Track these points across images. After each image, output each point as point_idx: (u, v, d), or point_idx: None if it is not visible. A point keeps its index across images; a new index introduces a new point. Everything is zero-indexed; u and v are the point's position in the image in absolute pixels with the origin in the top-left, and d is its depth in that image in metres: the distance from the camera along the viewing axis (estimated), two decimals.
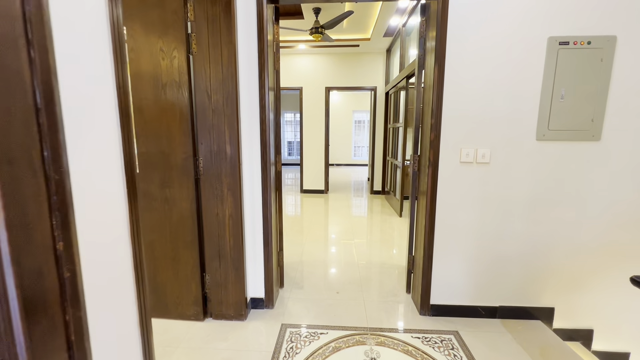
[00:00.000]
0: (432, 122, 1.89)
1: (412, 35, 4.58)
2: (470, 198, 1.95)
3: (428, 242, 2.00)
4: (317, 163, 6.15)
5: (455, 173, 1.94)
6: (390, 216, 4.63)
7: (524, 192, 1.91)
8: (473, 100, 1.86)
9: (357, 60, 5.84)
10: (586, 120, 1.81)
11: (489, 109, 1.86)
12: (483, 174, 1.92)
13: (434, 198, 1.96)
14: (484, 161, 1.90)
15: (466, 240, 2.01)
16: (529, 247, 1.97)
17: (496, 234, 1.98)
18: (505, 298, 2.05)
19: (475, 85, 1.84)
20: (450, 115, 1.88)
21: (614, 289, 1.98)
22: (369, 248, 3.36)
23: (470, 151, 1.90)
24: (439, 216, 1.99)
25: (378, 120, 5.91)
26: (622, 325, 2.03)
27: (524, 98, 1.83)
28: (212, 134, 1.83)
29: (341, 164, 11.27)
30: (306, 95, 5.99)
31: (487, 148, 1.89)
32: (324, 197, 5.93)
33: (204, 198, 1.90)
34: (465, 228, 1.99)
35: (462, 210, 1.97)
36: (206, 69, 1.77)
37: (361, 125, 11.21)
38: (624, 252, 1.92)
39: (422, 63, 2.11)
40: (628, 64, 1.74)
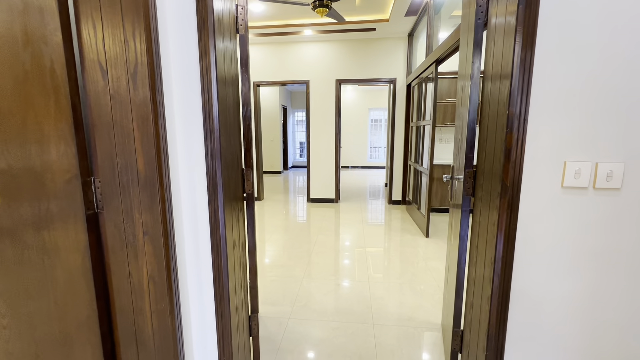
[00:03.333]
0: (510, 112, 1.03)
1: (443, 11, 3.68)
2: (578, 252, 1.08)
3: (497, 327, 1.14)
4: (326, 167, 5.32)
5: (553, 207, 1.06)
6: (414, 236, 3.74)
7: None
8: (593, 68, 0.98)
9: (373, 48, 4.97)
10: None
11: (621, 88, 0.97)
12: (609, 209, 1.04)
13: (509, 250, 1.09)
14: (610, 186, 1.02)
15: (566, 328, 1.13)
16: None
17: (627, 318, 1.09)
18: None
19: (597, 38, 0.97)
20: (543, 102, 1.01)
21: None
22: (389, 291, 2.49)
23: (583, 167, 1.02)
24: (515, 281, 1.12)
25: (398, 117, 5.01)
26: None
27: None
28: (113, 136, 1.04)
29: (356, 166, 10.39)
30: (314, 89, 5.17)
31: (617, 162, 1.01)
32: (334, 208, 5.09)
33: (108, 247, 1.12)
34: (565, 305, 1.11)
35: (562, 274, 1.10)
36: (96, 21, 0.99)
37: (378, 125, 10.29)
38: None
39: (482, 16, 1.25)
40: None
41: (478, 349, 1.24)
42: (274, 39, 5.02)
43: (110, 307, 1.16)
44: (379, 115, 10.19)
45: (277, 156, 9.12)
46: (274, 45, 5.16)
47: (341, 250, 3.31)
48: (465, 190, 1.35)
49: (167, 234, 1.09)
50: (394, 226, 4.17)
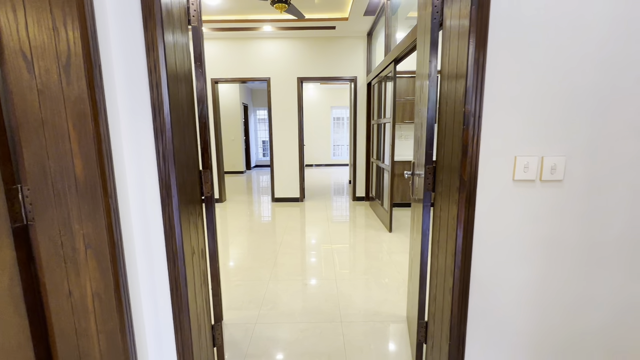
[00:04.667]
0: (466, 110, 1.06)
1: (400, 12, 3.79)
2: (529, 241, 1.15)
3: (459, 317, 1.18)
4: (290, 166, 5.26)
5: (505, 199, 1.13)
6: (378, 231, 3.83)
7: (622, 230, 1.13)
8: (539, 73, 1.05)
9: (333, 46, 4.99)
10: None
11: (565, 86, 1.05)
12: (553, 200, 1.12)
13: (468, 242, 1.13)
14: (554, 178, 1.10)
15: (520, 312, 1.20)
16: (622, 315, 1.19)
17: (572, 301, 1.19)
18: None
19: (543, 38, 1.03)
20: (496, 100, 1.06)
21: None
22: (355, 287, 2.52)
23: (531, 161, 1.09)
24: (474, 271, 1.17)
25: (359, 115, 5.10)
26: None
27: (626, 63, 1.04)
28: (43, 137, 0.91)
29: (320, 164, 10.44)
30: (275, 87, 5.08)
31: (559, 155, 1.09)
32: (300, 207, 5.05)
33: (43, 264, 0.98)
34: (519, 290, 1.19)
35: (516, 262, 1.17)
36: (16, 3, 0.85)
37: (341, 123, 10.41)
38: None
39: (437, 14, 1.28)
40: None
41: (442, 339, 1.29)
42: (233, 34, 4.85)
43: (48, 332, 1.02)
44: (342, 114, 10.31)
45: (239, 156, 8.85)
46: (233, 41, 4.97)
47: (307, 249, 3.29)
48: (426, 185, 1.38)
49: (114, 246, 0.98)
50: (358, 223, 4.24)
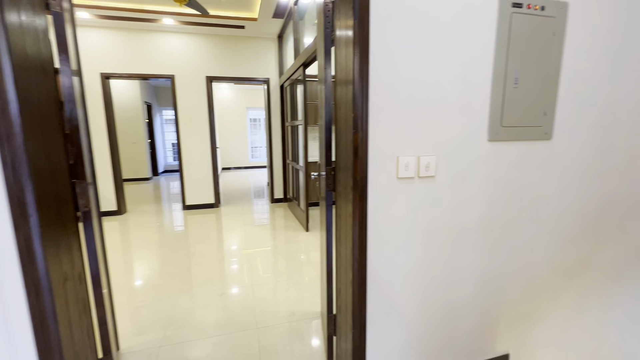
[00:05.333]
0: (354, 115, 1.15)
1: (307, 17, 3.91)
2: (413, 230, 1.31)
3: (359, 305, 1.28)
4: (202, 170, 4.93)
5: (392, 195, 1.26)
6: (295, 232, 3.89)
7: (477, 213, 1.38)
8: (411, 85, 1.20)
9: (244, 47, 4.87)
10: (539, 114, 1.38)
11: (434, 99, 1.23)
12: (429, 193, 1.30)
13: (363, 237, 1.23)
14: (428, 174, 1.28)
15: (409, 293, 1.36)
16: (482, 284, 1.46)
17: (447, 276, 1.40)
18: (459, 357, 1.51)
19: (413, 62, 1.19)
20: (380, 107, 1.18)
21: (561, 317, 1.66)
22: (273, 290, 2.50)
23: (410, 161, 1.25)
24: (371, 262, 1.28)
25: (274, 117, 5.09)
26: (569, 355, 1.75)
27: (474, 83, 1.27)
28: None
29: (239, 167, 10.08)
30: (181, 85, 4.69)
31: (431, 155, 1.27)
32: (215, 213, 4.78)
33: None
34: (408, 273, 1.35)
35: (403, 249, 1.32)
36: None
37: (258, 124, 10.24)
38: (571, 272, 1.61)
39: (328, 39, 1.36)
40: (579, 40, 1.37)
41: (347, 329, 1.38)
42: (129, 25, 4.29)
43: None
44: (258, 115, 10.15)
45: (142, 160, 7.91)
46: (128, 32, 4.40)
47: (224, 257, 3.13)
48: (328, 185, 1.46)
49: None
50: (277, 224, 4.23)
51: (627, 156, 1.57)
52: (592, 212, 1.56)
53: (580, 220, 1.55)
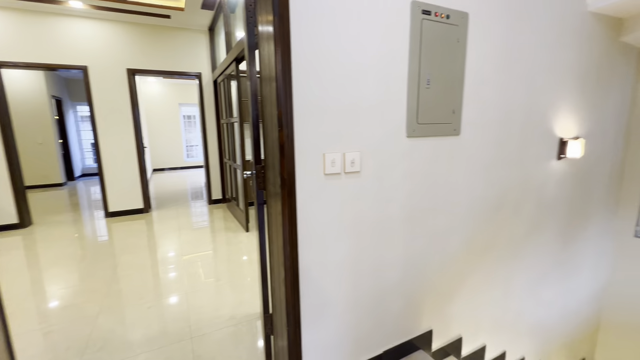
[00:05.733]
0: (279, 112, 1.15)
1: (238, 10, 3.77)
2: (342, 224, 1.36)
3: (293, 302, 1.28)
4: (127, 172, 4.47)
5: (320, 191, 1.29)
6: (235, 233, 3.76)
7: (400, 205, 1.48)
8: (335, 83, 1.23)
9: (172, 38, 4.51)
10: (448, 112, 1.53)
11: (357, 97, 1.29)
12: (355, 188, 1.36)
13: (293, 234, 1.24)
14: (353, 170, 1.33)
15: (341, 284, 1.42)
16: (407, 269, 1.59)
17: (376, 265, 1.49)
18: (389, 339, 1.62)
19: (336, 61, 1.22)
20: (306, 104, 1.19)
21: (474, 290, 1.88)
22: (210, 296, 2.39)
23: (336, 157, 1.29)
24: (302, 258, 1.30)
25: (208, 114, 4.83)
26: (481, 322, 2.00)
27: (392, 83, 1.36)
28: None
29: (174, 167, 9.38)
30: (97, 78, 4.18)
31: (356, 152, 1.33)
32: (145, 219, 4.38)
33: None
34: (339, 266, 1.39)
35: (334, 243, 1.36)
36: None
37: (192, 122, 9.64)
38: (480, 251, 1.83)
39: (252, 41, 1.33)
40: (479, 47, 1.55)
41: (282, 327, 1.38)
42: (27, 5, 3.65)
43: None
44: (192, 111, 9.54)
45: (53, 164, 6.86)
46: (27, 14, 3.75)
47: (154, 266, 2.89)
48: (258, 184, 1.43)
49: None
50: (216, 226, 4.04)
51: (520, 149, 1.84)
52: (495, 198, 1.80)
53: (486, 206, 1.77)
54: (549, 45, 1.80)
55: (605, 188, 2.53)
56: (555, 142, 2.02)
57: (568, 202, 2.24)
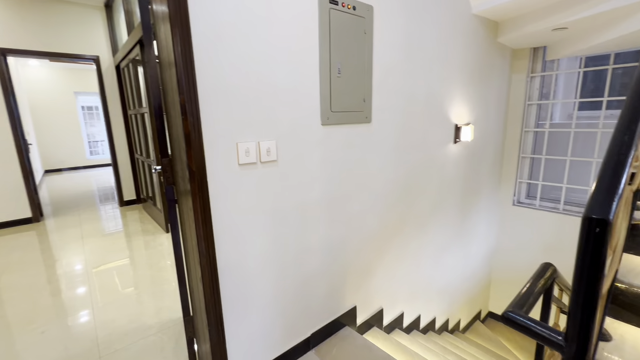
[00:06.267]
0: (182, 99, 1.06)
1: None
2: (261, 214, 1.34)
3: (213, 301, 1.23)
4: (5, 176, 3.67)
5: (235, 182, 1.24)
6: (154, 235, 3.43)
7: (319, 191, 1.52)
8: (244, 69, 1.18)
9: (58, 13, 3.79)
10: (359, 100, 1.62)
11: (269, 84, 1.26)
12: (273, 177, 1.34)
13: (207, 230, 1.17)
14: (270, 159, 1.31)
15: (265, 274, 1.40)
16: (329, 252, 1.65)
17: (299, 252, 1.51)
18: (316, 321, 1.68)
19: (245, 46, 1.17)
20: (213, 91, 1.12)
21: (390, 264, 2.07)
22: (123, 308, 2.14)
23: (250, 146, 1.25)
24: (221, 254, 1.24)
25: (112, 104, 4.24)
26: (398, 292, 2.21)
27: (305, 71, 1.36)
28: None
29: (75, 167, 8.04)
30: None
31: (271, 140, 1.31)
32: (36, 230, 3.68)
33: None
34: (261, 258, 1.37)
35: (254, 235, 1.33)
36: None
37: (94, 113, 8.36)
38: (394, 229, 2.01)
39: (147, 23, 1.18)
40: (383, 39, 1.65)
41: (204, 328, 1.31)
42: None
43: None
44: (93, 102, 8.27)
45: None
46: None
47: (51, 283, 2.46)
48: (166, 179, 1.31)
49: None
50: (131, 230, 3.62)
51: (423, 134, 2.05)
52: (404, 180, 1.98)
53: (397, 187, 1.94)
54: (443, 41, 2.02)
55: (490, 166, 3.00)
56: (452, 127, 2.31)
57: (463, 180, 2.59)
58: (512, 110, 3.08)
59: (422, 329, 2.53)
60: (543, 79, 2.97)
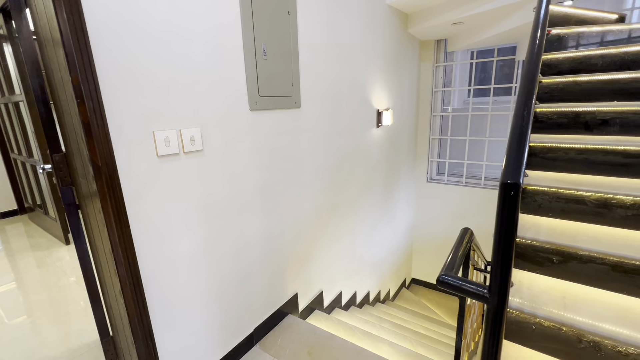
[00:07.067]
0: (74, 79, 0.86)
1: None
2: (190, 210, 1.20)
3: (138, 314, 1.07)
4: None
5: (156, 177, 1.08)
6: (49, 250, 2.85)
7: (252, 180, 1.45)
8: (158, 46, 1.02)
9: None
10: (288, 85, 1.57)
11: (185, 63, 1.11)
12: (200, 168, 1.22)
13: (125, 235, 1.01)
14: (195, 148, 1.18)
15: (200, 274, 1.28)
16: (268, 243, 1.60)
17: (237, 246, 1.42)
18: (258, 314, 1.62)
19: (157, 13, 1.00)
20: (118, 71, 0.94)
21: (327, 248, 2.12)
22: (15, 341, 1.74)
23: (170, 135, 1.10)
24: (144, 260, 1.09)
25: None
26: (335, 273, 2.29)
27: (228, 47, 1.25)
28: None
29: None
30: None
31: (195, 127, 1.18)
32: None
33: None
34: (194, 257, 1.25)
35: (184, 233, 1.20)
36: None
37: None
38: (328, 213, 2.06)
39: None
40: (308, 21, 1.63)
41: (129, 346, 1.14)
42: None
43: None
44: None
45: None
46: None
47: None
48: (61, 180, 1.07)
49: None
50: (14, 247, 2.94)
51: (350, 119, 2.11)
52: (335, 164, 2.02)
53: (329, 172, 1.98)
54: (363, 29, 2.09)
55: (407, 148, 3.30)
56: (374, 112, 2.44)
57: (386, 161, 2.79)
58: (423, 96, 3.41)
59: (358, 303, 2.69)
60: (445, 68, 3.35)
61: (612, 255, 1.06)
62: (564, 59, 1.82)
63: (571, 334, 0.95)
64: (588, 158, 1.38)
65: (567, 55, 1.81)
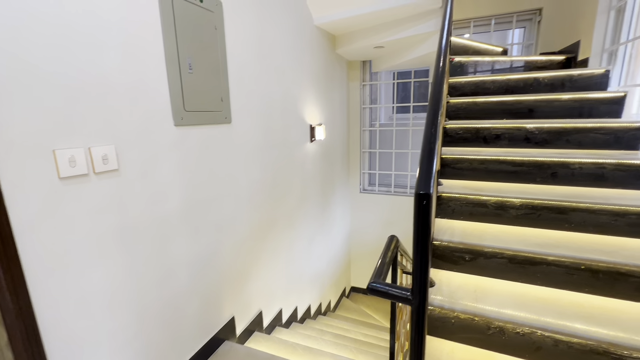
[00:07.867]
0: None
1: None
2: (104, 238, 1.06)
3: None
4: None
5: (58, 203, 0.93)
6: None
7: (178, 200, 1.35)
8: (55, 45, 0.90)
9: None
10: (217, 100, 1.53)
11: (96, 71, 1.00)
12: (115, 190, 1.09)
13: (15, 275, 0.84)
14: (109, 168, 1.06)
15: (117, 309, 1.13)
16: (199, 265, 1.50)
17: (161, 273, 1.29)
18: (191, 344, 1.49)
19: (55, 17, 0.89)
20: (3, 73, 0.80)
21: (264, 265, 2.07)
22: None
23: (77, 154, 0.97)
24: (41, 303, 0.92)
25: None
26: (274, 291, 2.24)
27: (147, 60, 1.16)
28: None
29: None
30: None
31: (109, 144, 1.06)
32: None
33: None
34: (108, 289, 1.10)
35: (94, 266, 1.05)
36: None
37: None
38: (265, 230, 2.02)
39: None
40: (236, 37, 1.62)
41: None
42: None
43: None
44: None
45: None
46: None
47: None
48: None
49: None
50: None
51: (283, 134, 2.13)
52: (270, 179, 2.01)
53: (264, 187, 1.95)
54: (293, 46, 2.16)
55: (341, 161, 3.45)
56: (307, 127, 2.50)
57: (320, 175, 2.87)
58: (352, 112, 3.63)
59: (300, 319, 2.66)
60: (371, 87, 3.63)
61: (509, 249, 1.25)
62: (465, 82, 2.12)
63: (482, 322, 1.09)
64: (487, 167, 1.62)
65: (467, 80, 2.12)
